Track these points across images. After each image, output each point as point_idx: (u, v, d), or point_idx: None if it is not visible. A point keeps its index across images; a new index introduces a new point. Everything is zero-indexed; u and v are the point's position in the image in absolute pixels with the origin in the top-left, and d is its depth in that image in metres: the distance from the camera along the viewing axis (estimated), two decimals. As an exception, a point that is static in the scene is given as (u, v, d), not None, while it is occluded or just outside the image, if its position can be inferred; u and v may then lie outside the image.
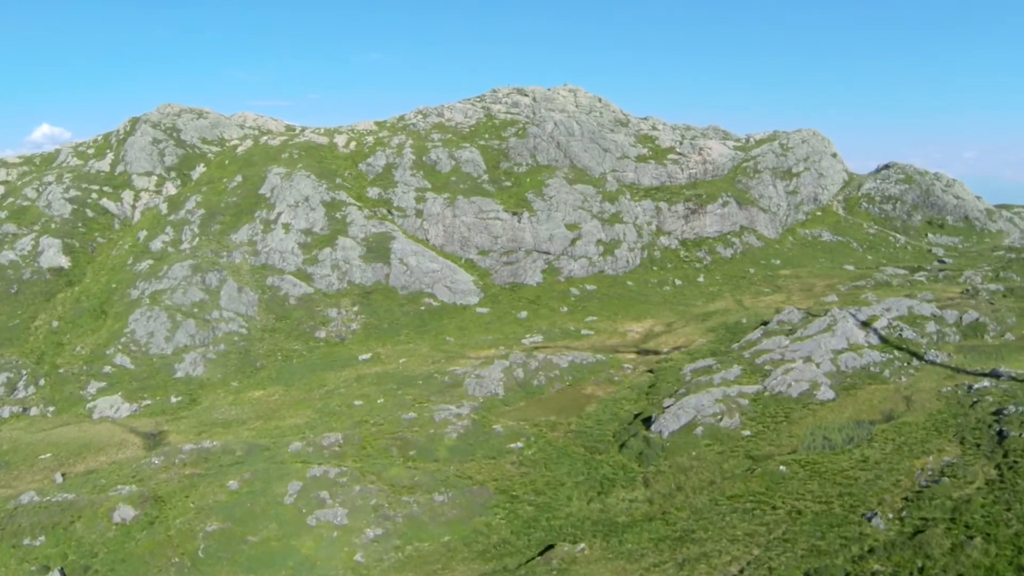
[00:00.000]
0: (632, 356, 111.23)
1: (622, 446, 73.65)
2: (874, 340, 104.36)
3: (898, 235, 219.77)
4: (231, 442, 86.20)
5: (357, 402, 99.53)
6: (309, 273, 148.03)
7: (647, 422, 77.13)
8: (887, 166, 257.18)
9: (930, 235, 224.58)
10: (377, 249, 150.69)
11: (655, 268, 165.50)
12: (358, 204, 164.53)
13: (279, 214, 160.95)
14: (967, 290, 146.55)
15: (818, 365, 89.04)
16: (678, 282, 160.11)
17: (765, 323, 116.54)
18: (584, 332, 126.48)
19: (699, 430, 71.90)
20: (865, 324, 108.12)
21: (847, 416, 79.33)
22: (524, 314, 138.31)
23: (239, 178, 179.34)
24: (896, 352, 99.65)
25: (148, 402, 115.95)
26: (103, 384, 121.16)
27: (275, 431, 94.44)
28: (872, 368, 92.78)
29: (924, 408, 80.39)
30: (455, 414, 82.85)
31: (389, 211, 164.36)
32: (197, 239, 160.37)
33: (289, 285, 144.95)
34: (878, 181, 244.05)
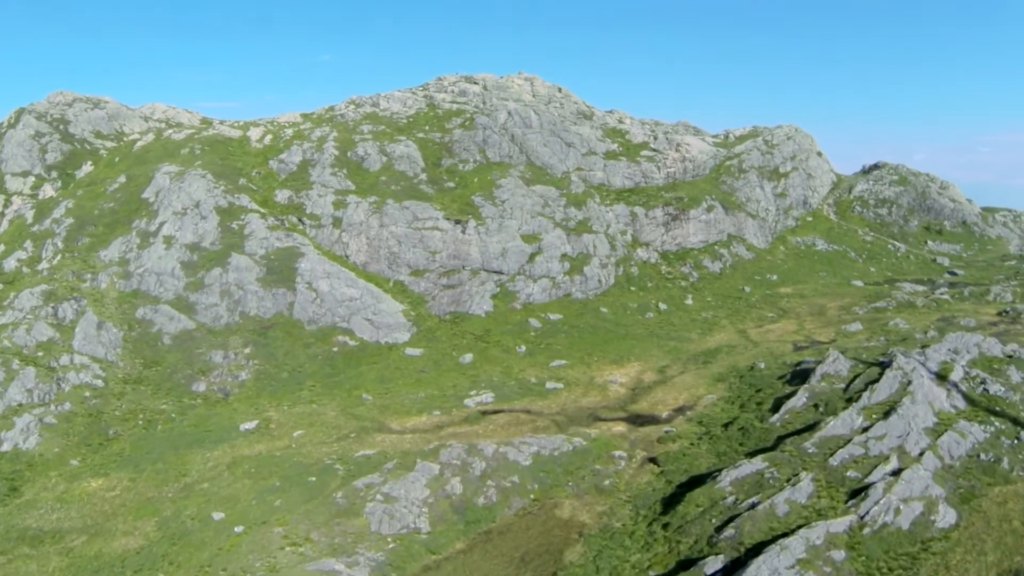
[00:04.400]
0: (621, 429, 78.98)
1: (644, 669, 41.51)
2: (959, 401, 75.13)
3: (897, 243, 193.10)
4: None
5: (216, 514, 66.91)
6: (191, 302, 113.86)
7: (683, 609, 44.85)
8: (876, 166, 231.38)
9: (930, 242, 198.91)
10: (280, 270, 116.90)
11: (633, 288, 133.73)
12: (261, 211, 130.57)
13: (161, 224, 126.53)
14: (1005, 311, 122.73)
15: (920, 461, 57.92)
16: (662, 306, 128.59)
17: (799, 373, 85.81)
18: (550, 385, 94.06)
19: (784, 637, 39.88)
20: (941, 377, 78.43)
21: (993, 561, 48.73)
22: (468, 357, 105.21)
23: (123, 179, 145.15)
24: (995, 421, 69.97)
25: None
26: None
27: (93, 562, 63.35)
28: (982, 456, 62.95)
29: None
30: (342, 588, 49.46)
31: (300, 219, 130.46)
32: (59, 256, 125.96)
33: (164, 318, 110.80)
34: (870, 183, 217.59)
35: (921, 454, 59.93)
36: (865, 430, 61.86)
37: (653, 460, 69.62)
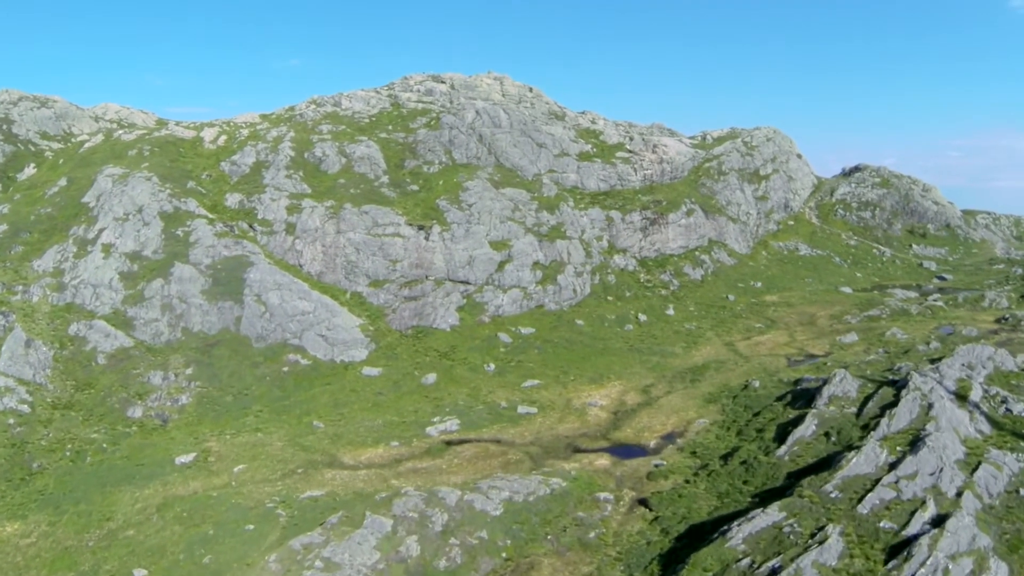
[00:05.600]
0: (604, 462, 69.58)
1: None
2: (983, 425, 67.66)
3: (882, 247, 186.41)
4: None
5: (138, 572, 57.64)
6: (130, 317, 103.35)
7: None
8: (857, 168, 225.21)
9: (914, 246, 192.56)
10: (227, 281, 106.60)
11: (610, 298, 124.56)
12: (210, 216, 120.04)
13: (101, 230, 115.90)
14: (1004, 318, 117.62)
15: (959, 504, 49.21)
16: (642, 317, 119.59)
17: (800, 393, 77.18)
18: (522, 409, 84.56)
19: None
20: (960, 397, 70.49)
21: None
22: (432, 377, 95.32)
23: (63, 181, 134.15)
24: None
25: None
26: None
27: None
28: (1022, 491, 54.46)
29: None
30: None
31: (251, 225, 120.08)
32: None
33: (99, 335, 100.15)
34: (852, 185, 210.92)
35: (959, 494, 51.29)
36: (892, 467, 52.98)
37: (644, 502, 60.22)
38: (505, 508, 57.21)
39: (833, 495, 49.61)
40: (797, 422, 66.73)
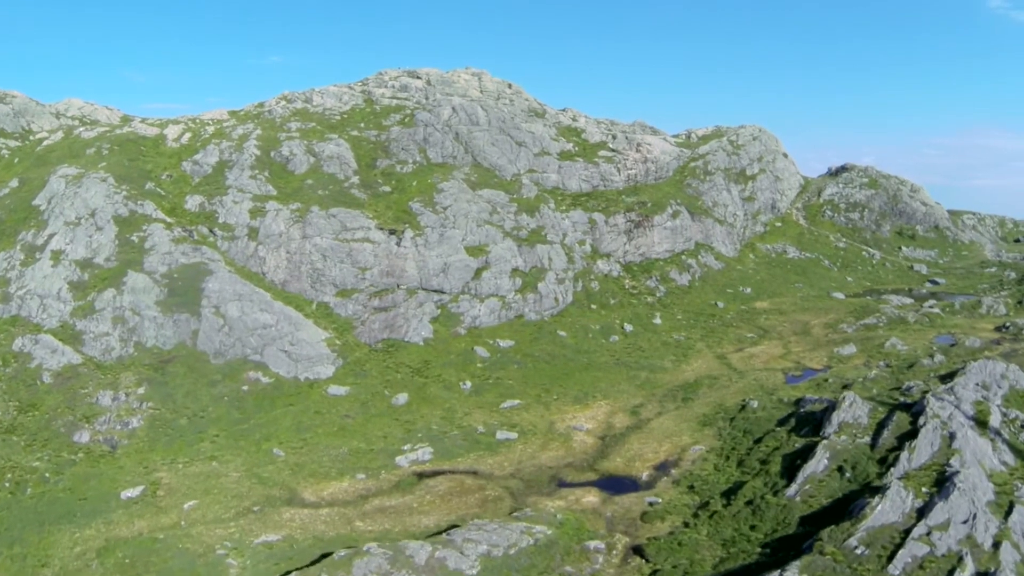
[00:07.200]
0: (593, 499, 62.77)
1: None
2: (1007, 455, 62.49)
3: (871, 249, 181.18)
4: None
5: (62, 634, 50.02)
6: (78, 330, 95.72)
7: None
8: (844, 168, 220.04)
9: (904, 248, 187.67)
10: (184, 291, 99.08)
11: (594, 307, 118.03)
12: (168, 220, 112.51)
13: (51, 236, 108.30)
14: (1004, 327, 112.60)
15: (997, 558, 43.12)
16: (628, 327, 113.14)
17: (804, 417, 70.95)
18: (501, 435, 77.60)
19: None
20: (980, 423, 64.65)
21: None
22: (403, 397, 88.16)
23: (15, 183, 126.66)
24: (1055, 481, 56.07)
25: None
26: None
27: None
28: (1061, 537, 48.28)
29: None
30: None
31: (211, 230, 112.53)
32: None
33: (45, 351, 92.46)
34: (839, 185, 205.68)
35: (995, 545, 45.27)
36: (920, 513, 46.70)
37: (639, 551, 53.34)
38: (483, 565, 49.59)
39: (859, 551, 43.14)
40: (806, 454, 60.37)
